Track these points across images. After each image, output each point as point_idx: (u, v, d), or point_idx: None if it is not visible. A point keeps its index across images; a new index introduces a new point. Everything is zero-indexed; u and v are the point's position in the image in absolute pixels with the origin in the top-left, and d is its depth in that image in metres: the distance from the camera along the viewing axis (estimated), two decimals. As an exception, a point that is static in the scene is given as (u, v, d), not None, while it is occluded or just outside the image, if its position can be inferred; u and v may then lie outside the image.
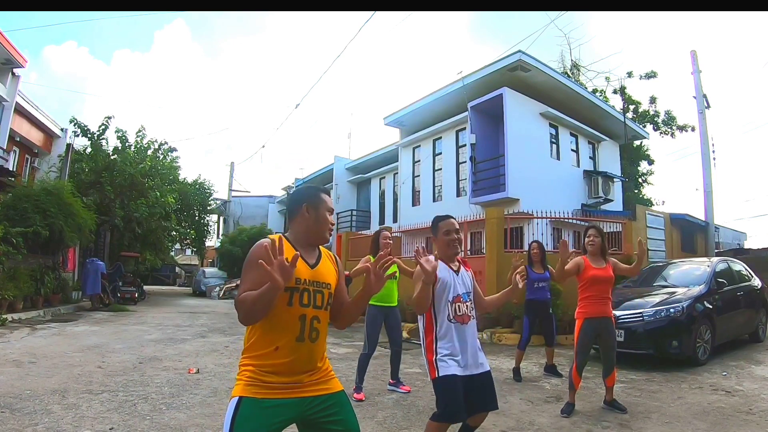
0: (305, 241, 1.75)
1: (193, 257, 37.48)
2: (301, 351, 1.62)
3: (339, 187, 20.13)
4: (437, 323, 2.49)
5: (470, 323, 2.52)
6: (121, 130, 16.52)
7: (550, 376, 5.30)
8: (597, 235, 3.96)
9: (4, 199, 10.97)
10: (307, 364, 1.64)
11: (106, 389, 4.28)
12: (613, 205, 14.34)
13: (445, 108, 13.86)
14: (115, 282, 14.15)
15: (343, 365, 5.68)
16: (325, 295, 1.71)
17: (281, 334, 1.60)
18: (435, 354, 2.46)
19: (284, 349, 1.59)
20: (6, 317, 8.58)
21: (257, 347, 1.62)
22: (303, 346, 1.62)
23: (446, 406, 2.41)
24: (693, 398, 4.33)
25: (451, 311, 2.47)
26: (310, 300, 1.66)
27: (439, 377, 2.41)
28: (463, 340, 2.47)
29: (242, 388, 1.58)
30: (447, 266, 2.53)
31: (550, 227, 10.29)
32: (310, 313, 1.65)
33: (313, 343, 1.65)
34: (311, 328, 1.64)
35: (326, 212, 1.77)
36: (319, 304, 1.68)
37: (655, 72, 20.67)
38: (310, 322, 1.64)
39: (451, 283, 2.49)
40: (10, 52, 11.65)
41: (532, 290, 5.34)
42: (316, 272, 1.70)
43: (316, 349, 1.67)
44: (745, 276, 7.43)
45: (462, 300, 2.50)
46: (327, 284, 1.73)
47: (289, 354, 1.59)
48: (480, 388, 2.47)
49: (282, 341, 1.60)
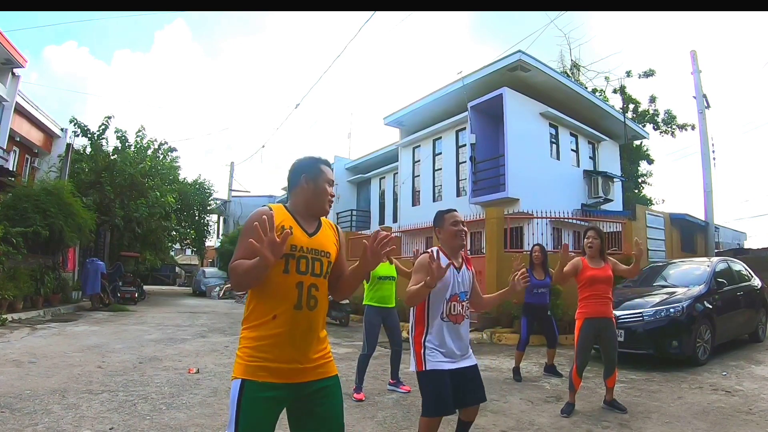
0: (305, 212, 1.73)
1: (193, 257, 37.49)
2: (299, 319, 1.59)
3: (339, 187, 20.09)
4: (429, 318, 2.48)
5: (463, 323, 2.51)
6: (120, 130, 16.54)
7: (550, 376, 5.30)
8: (596, 237, 3.96)
9: (4, 199, 10.97)
10: (307, 334, 1.61)
11: (106, 389, 4.28)
12: (613, 205, 14.35)
13: (445, 108, 13.86)
14: (115, 282, 14.15)
15: (343, 365, 5.67)
16: (324, 264, 1.69)
17: (279, 301, 1.59)
18: (423, 347, 2.46)
19: (282, 317, 1.58)
20: (6, 317, 8.58)
21: (256, 316, 1.61)
22: (301, 314, 1.60)
23: (432, 400, 2.42)
24: (693, 398, 4.33)
25: (445, 309, 2.46)
26: (308, 267, 1.64)
27: (426, 371, 2.42)
28: (453, 338, 2.46)
29: (243, 369, 1.56)
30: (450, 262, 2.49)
31: (550, 227, 10.28)
32: (307, 280, 1.63)
33: (312, 311, 1.62)
34: (309, 296, 1.62)
35: (325, 184, 1.75)
36: (318, 272, 1.66)
37: (653, 70, 20.70)
38: (308, 290, 1.62)
39: (450, 282, 2.47)
40: (10, 52, 11.65)
41: (531, 295, 5.35)
42: (315, 240, 1.69)
43: (315, 318, 1.64)
44: (745, 276, 7.43)
45: (459, 299, 2.49)
46: (326, 252, 1.71)
47: (287, 322, 1.58)
48: (469, 381, 2.47)
49: (279, 309, 1.58)
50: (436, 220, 2.66)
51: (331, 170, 1.82)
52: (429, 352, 2.44)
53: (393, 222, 16.36)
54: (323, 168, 1.77)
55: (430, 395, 2.43)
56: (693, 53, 12.11)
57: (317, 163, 1.79)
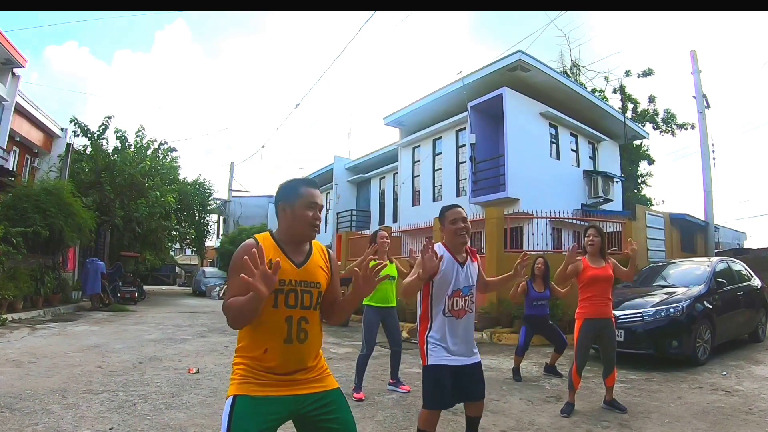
0: (289, 240, 1.68)
1: (193, 257, 37.47)
2: (290, 352, 1.59)
3: (339, 187, 20.14)
4: (432, 314, 2.52)
5: (465, 317, 2.53)
6: (120, 130, 16.55)
7: (550, 376, 5.31)
8: (596, 235, 3.96)
9: (4, 199, 10.97)
10: (298, 364, 1.61)
11: (106, 389, 4.28)
12: (613, 205, 14.35)
13: (445, 108, 13.86)
14: (115, 282, 14.16)
15: (342, 365, 5.68)
16: (314, 295, 1.66)
17: (269, 336, 1.58)
18: (426, 342, 2.50)
19: (273, 351, 1.58)
20: (6, 317, 8.58)
21: (248, 349, 1.61)
22: (291, 347, 1.59)
23: (430, 394, 2.48)
24: (693, 398, 4.33)
25: (447, 305, 2.48)
26: (297, 301, 1.61)
27: (428, 365, 2.47)
28: (455, 333, 2.49)
29: (236, 386, 1.57)
30: (453, 258, 2.51)
31: (550, 227, 10.28)
32: (297, 314, 1.61)
33: (302, 344, 1.61)
34: (299, 329, 1.60)
35: (304, 209, 1.66)
36: (307, 305, 1.64)
37: (651, 69, 20.71)
38: (298, 323, 1.60)
39: (452, 277, 2.48)
40: (10, 52, 11.65)
41: (531, 307, 5.38)
42: (304, 271, 1.65)
43: (306, 350, 1.63)
44: (745, 276, 7.43)
45: (461, 294, 2.50)
46: (316, 283, 1.67)
47: (278, 356, 1.58)
48: (469, 377, 2.50)
49: (270, 343, 1.58)
50: (439, 215, 2.67)
51: (314, 190, 1.71)
52: (431, 348, 2.48)
53: (393, 222, 16.35)
54: (303, 191, 1.68)
55: (429, 388, 2.48)
56: (693, 53, 12.11)
57: (296, 187, 1.71)
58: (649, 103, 21.67)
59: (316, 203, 1.69)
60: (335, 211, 19.74)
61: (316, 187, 1.75)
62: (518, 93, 12.33)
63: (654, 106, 21.65)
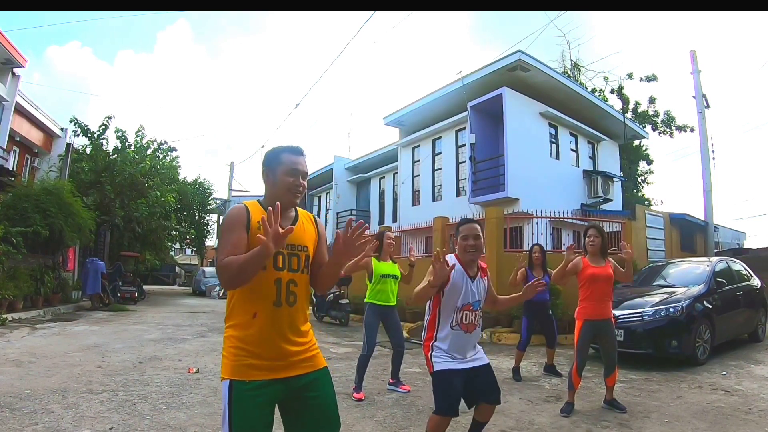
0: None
1: (192, 257, 37.50)
2: (279, 316, 1.60)
3: (339, 186, 20.15)
4: (439, 324, 2.51)
5: (474, 332, 2.53)
6: (120, 130, 16.55)
7: (550, 376, 5.31)
8: (597, 235, 3.96)
9: (4, 199, 10.97)
10: (288, 329, 1.62)
11: (106, 389, 4.28)
12: (613, 205, 14.36)
13: (445, 108, 13.87)
14: (115, 282, 14.16)
15: (342, 365, 5.68)
16: (301, 258, 1.67)
17: (258, 299, 1.58)
18: (430, 350, 2.51)
19: (262, 314, 1.58)
20: (6, 317, 8.58)
21: (237, 314, 1.62)
22: (281, 310, 1.60)
23: (441, 399, 2.46)
24: (692, 398, 4.33)
25: (455, 318, 2.47)
26: (284, 263, 1.62)
27: (435, 371, 2.47)
28: (461, 346, 2.50)
29: (231, 369, 1.57)
30: (464, 271, 2.51)
31: (550, 227, 10.30)
32: (285, 276, 1.62)
33: (291, 306, 1.62)
34: (288, 292, 1.62)
35: (284, 175, 1.67)
36: (295, 267, 1.65)
37: (655, 75, 20.81)
38: (287, 286, 1.62)
39: (462, 290, 2.48)
40: (10, 52, 11.66)
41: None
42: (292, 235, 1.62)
43: (296, 314, 1.65)
44: (745, 276, 7.43)
45: (471, 308, 2.50)
46: (303, 246, 1.68)
47: (267, 319, 1.58)
48: (481, 380, 2.51)
49: (259, 307, 1.58)
50: (455, 228, 2.69)
51: (296, 157, 1.70)
52: (436, 354, 2.49)
53: (393, 222, 16.36)
54: (284, 157, 1.69)
55: (438, 395, 2.47)
56: (693, 53, 12.11)
57: (278, 154, 1.71)
58: (649, 104, 21.70)
59: (297, 170, 1.69)
60: (335, 210, 19.75)
61: (299, 154, 1.73)
62: (518, 93, 12.34)
63: (654, 108, 21.69)
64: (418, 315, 8.90)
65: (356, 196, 20.65)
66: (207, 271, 23.98)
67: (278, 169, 1.68)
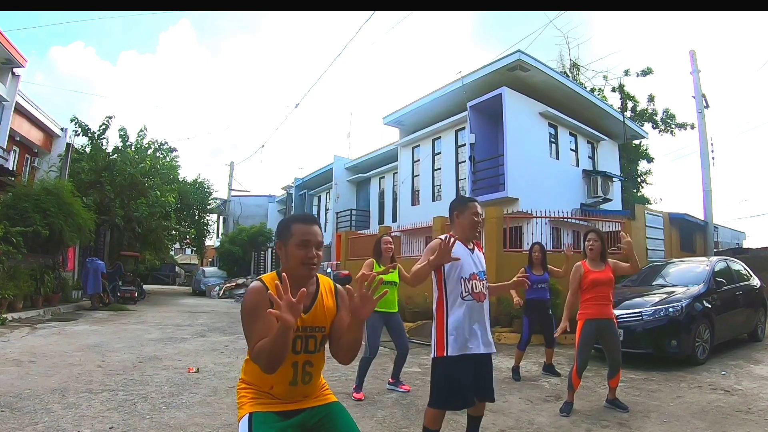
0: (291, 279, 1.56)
1: (192, 257, 37.46)
2: (294, 392, 1.67)
3: (338, 186, 20.16)
4: (448, 300, 2.50)
5: (485, 302, 2.55)
6: (123, 129, 16.59)
7: (549, 376, 5.31)
8: (597, 239, 4.00)
9: (4, 199, 10.96)
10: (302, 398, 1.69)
11: (106, 388, 4.29)
12: (612, 205, 14.36)
13: (445, 108, 13.87)
14: (115, 281, 14.14)
15: (342, 365, 5.67)
16: (318, 339, 1.68)
17: (275, 378, 1.60)
18: (446, 331, 2.47)
19: (278, 390, 1.64)
20: (6, 316, 8.58)
21: (254, 378, 1.65)
22: (296, 388, 1.66)
23: (440, 390, 2.44)
24: (692, 397, 4.34)
25: (464, 289, 2.48)
26: (302, 347, 1.64)
27: (446, 357, 2.42)
28: (475, 318, 2.49)
29: (249, 406, 1.61)
30: (463, 245, 2.55)
31: (550, 227, 10.29)
32: (302, 359, 1.65)
33: (307, 384, 1.68)
34: (304, 373, 1.66)
35: (296, 247, 1.60)
36: (312, 349, 1.67)
37: (651, 69, 20.65)
38: (303, 367, 1.66)
39: (466, 261, 2.51)
40: (10, 51, 11.65)
41: (531, 290, 5.38)
42: (311, 317, 1.65)
43: (310, 389, 1.71)
44: (744, 275, 7.43)
45: (479, 278, 2.54)
46: (321, 328, 1.68)
47: (282, 394, 1.65)
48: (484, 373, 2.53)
49: (276, 382, 1.63)
50: (457, 204, 2.68)
51: (307, 227, 1.63)
52: (452, 339, 2.44)
53: (392, 221, 16.37)
54: (294, 228, 1.63)
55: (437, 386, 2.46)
56: (692, 53, 12.11)
57: (289, 225, 1.66)
58: (648, 102, 21.68)
59: (309, 240, 1.61)
60: (335, 210, 19.77)
61: (311, 223, 1.66)
62: (518, 93, 12.34)
63: (653, 106, 21.67)
64: (418, 315, 8.90)
65: (356, 195, 20.66)
66: (207, 270, 24.00)
67: (290, 241, 1.63)
